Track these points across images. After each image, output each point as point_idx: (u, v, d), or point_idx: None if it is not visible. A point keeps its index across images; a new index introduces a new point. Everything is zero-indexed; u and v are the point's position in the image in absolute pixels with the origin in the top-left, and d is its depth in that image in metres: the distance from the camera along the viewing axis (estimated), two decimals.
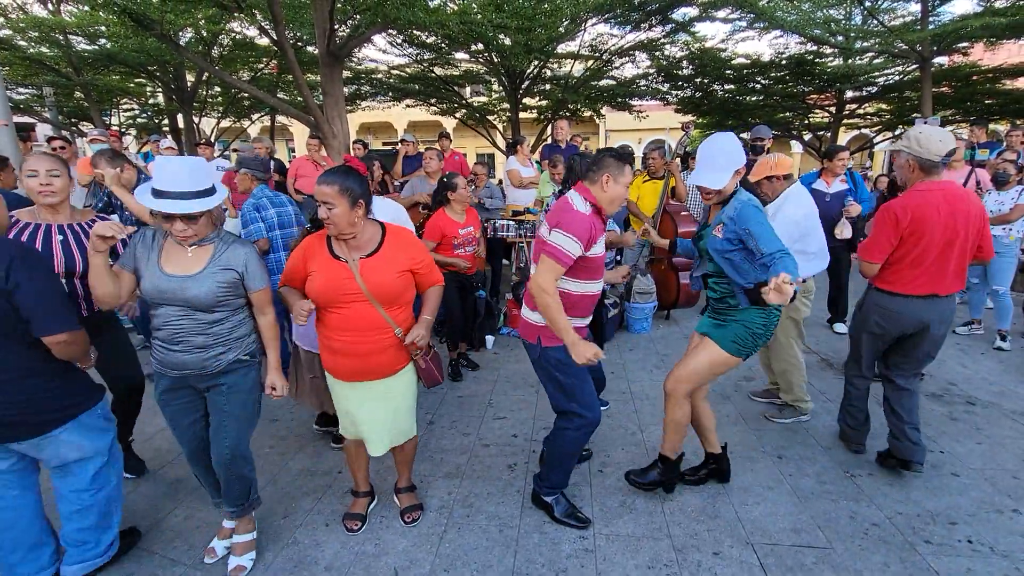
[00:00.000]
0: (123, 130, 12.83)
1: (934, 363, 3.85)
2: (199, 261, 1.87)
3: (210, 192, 1.83)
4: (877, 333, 2.56)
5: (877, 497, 2.47)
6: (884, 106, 12.99)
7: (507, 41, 8.49)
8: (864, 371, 2.72)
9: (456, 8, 6.93)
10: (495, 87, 12.60)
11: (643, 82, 12.06)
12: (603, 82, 12.02)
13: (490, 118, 13.01)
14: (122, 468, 2.13)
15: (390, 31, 8.39)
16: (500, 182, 6.85)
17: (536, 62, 10.28)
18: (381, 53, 11.17)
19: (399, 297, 2.06)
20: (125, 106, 13.36)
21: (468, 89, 14.01)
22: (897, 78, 11.32)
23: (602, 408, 3.36)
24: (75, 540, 1.96)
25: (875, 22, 9.84)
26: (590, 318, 2.33)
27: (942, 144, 2.26)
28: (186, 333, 1.87)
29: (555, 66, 11.71)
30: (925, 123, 8.28)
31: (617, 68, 11.80)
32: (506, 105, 12.08)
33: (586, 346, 2.00)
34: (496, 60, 10.25)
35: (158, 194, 1.76)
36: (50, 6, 9.73)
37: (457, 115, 13.15)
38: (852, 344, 2.75)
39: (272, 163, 6.91)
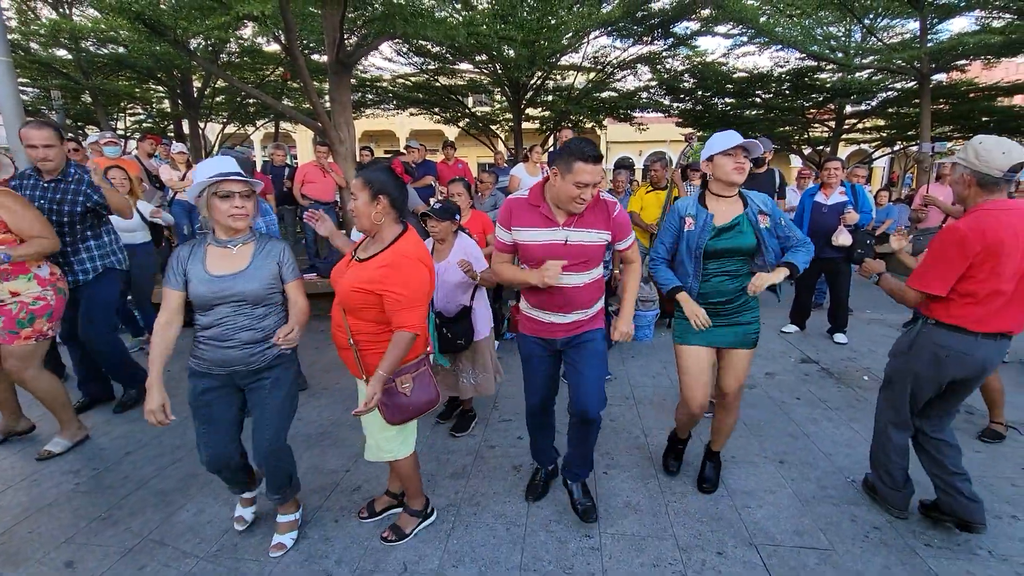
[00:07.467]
0: (128, 135, 12.91)
1: None
2: (244, 258, 1.97)
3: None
4: (928, 376, 2.17)
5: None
6: (882, 122, 13.15)
7: (511, 52, 8.62)
8: (903, 421, 2.33)
9: (462, 20, 7.05)
10: (498, 97, 12.74)
11: (644, 94, 12.21)
12: (605, 94, 12.17)
13: (493, 128, 13.13)
14: None
15: (397, 40, 8.52)
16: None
17: (539, 73, 10.41)
18: (386, 62, 11.28)
19: (358, 310, 1.94)
20: (131, 111, 13.47)
21: (471, 99, 14.16)
22: (896, 94, 11.49)
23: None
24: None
25: (874, 39, 10.02)
26: (560, 315, 2.17)
27: (1005, 157, 1.94)
28: (237, 329, 1.95)
29: (558, 77, 11.86)
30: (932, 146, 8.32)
31: (619, 80, 11.96)
32: (509, 115, 12.21)
33: (547, 267, 1.98)
34: (500, 71, 10.39)
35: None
36: (61, 9, 9.83)
37: (460, 124, 13.29)
38: (890, 388, 2.35)
39: (286, 169, 7.01)
